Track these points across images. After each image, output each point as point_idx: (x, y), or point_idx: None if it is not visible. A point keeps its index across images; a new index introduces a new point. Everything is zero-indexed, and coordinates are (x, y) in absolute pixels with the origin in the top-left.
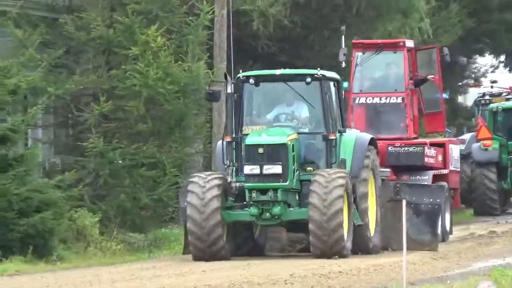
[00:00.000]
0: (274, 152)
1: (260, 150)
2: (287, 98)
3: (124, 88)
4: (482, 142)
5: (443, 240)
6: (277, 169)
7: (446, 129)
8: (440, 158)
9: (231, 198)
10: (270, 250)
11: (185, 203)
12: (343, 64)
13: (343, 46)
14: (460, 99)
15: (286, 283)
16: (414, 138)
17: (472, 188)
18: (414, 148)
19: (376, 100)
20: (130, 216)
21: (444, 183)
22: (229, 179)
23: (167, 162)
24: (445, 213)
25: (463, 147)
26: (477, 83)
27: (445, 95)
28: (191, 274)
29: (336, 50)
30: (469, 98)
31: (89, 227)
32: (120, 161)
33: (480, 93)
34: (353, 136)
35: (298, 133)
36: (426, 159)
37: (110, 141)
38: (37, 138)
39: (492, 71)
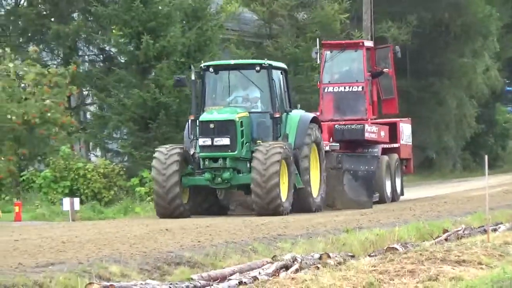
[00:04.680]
0: (223, 127)
1: (211, 125)
2: (242, 83)
3: (308, 87)
4: None
5: (394, 200)
6: (225, 141)
7: None
8: (383, 133)
9: (190, 166)
10: (234, 211)
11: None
12: (318, 61)
13: (317, 47)
14: None
15: (410, 209)
16: (374, 119)
17: None
18: (355, 126)
19: (341, 89)
20: None
21: (395, 154)
22: (192, 151)
23: None
24: (396, 178)
25: None
26: None
27: None
28: (320, 215)
29: (437, 58)
30: None
31: None
32: None
33: None
34: (298, 115)
35: (250, 112)
36: (367, 134)
37: None
38: None
39: None
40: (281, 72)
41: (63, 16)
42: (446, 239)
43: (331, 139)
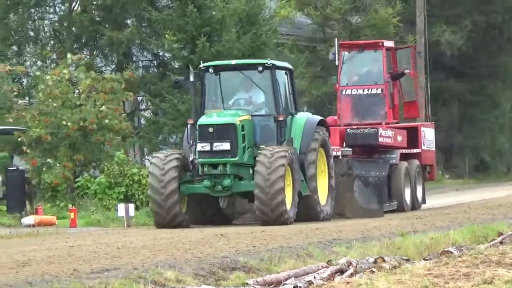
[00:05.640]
0: (223, 131)
1: (210, 129)
2: (244, 85)
3: None
4: None
5: (415, 209)
6: (225, 146)
7: None
8: (400, 138)
9: (189, 173)
10: (237, 219)
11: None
12: (337, 62)
13: (336, 47)
14: None
15: (465, 212)
16: (395, 123)
17: None
18: (368, 130)
19: (360, 91)
20: None
21: (415, 160)
22: (192, 157)
23: None
24: (417, 185)
25: None
26: None
27: None
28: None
29: (491, 61)
30: None
31: None
32: None
33: None
34: (304, 118)
35: (252, 115)
36: (381, 139)
37: None
38: None
39: None
40: (285, 73)
41: (117, 22)
42: (501, 242)
43: (344, 144)
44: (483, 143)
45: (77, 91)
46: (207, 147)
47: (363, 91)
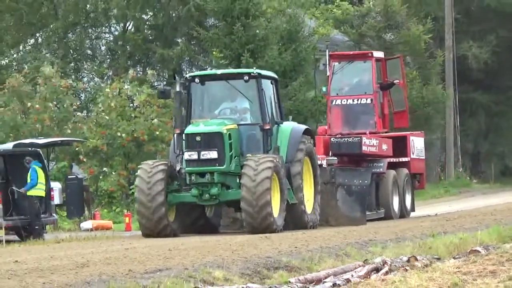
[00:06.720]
0: (210, 140)
1: (198, 138)
2: (231, 94)
3: None
4: None
5: (403, 217)
6: (213, 154)
7: None
8: (385, 147)
9: (176, 182)
10: (223, 228)
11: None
12: (328, 73)
13: (327, 58)
14: None
15: (492, 214)
16: (385, 132)
17: None
18: (352, 139)
19: (350, 101)
20: None
21: (404, 169)
22: (179, 166)
23: None
24: (406, 193)
25: None
26: None
27: None
28: (406, 221)
29: None
30: None
31: None
32: None
33: None
34: (290, 127)
35: (239, 125)
36: (364, 148)
37: None
38: None
39: None
40: (271, 82)
41: (168, 40)
42: None
43: (330, 153)
44: (508, 150)
45: (131, 105)
46: (194, 155)
47: (353, 101)
